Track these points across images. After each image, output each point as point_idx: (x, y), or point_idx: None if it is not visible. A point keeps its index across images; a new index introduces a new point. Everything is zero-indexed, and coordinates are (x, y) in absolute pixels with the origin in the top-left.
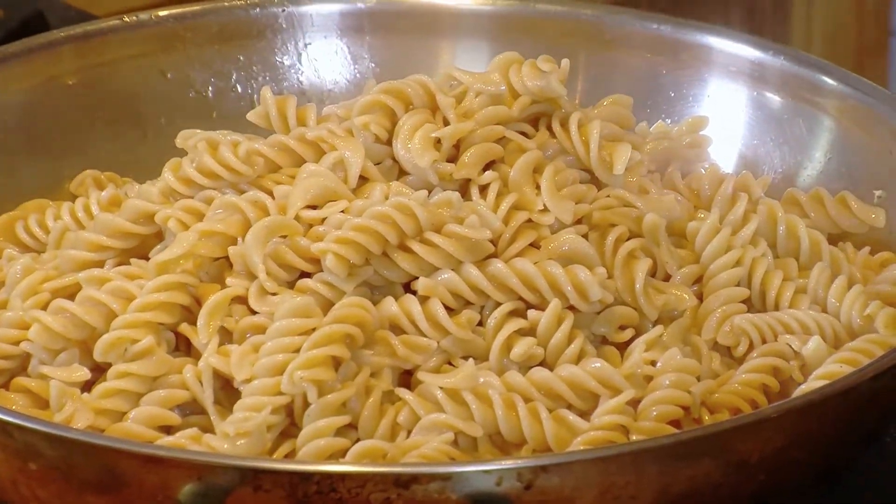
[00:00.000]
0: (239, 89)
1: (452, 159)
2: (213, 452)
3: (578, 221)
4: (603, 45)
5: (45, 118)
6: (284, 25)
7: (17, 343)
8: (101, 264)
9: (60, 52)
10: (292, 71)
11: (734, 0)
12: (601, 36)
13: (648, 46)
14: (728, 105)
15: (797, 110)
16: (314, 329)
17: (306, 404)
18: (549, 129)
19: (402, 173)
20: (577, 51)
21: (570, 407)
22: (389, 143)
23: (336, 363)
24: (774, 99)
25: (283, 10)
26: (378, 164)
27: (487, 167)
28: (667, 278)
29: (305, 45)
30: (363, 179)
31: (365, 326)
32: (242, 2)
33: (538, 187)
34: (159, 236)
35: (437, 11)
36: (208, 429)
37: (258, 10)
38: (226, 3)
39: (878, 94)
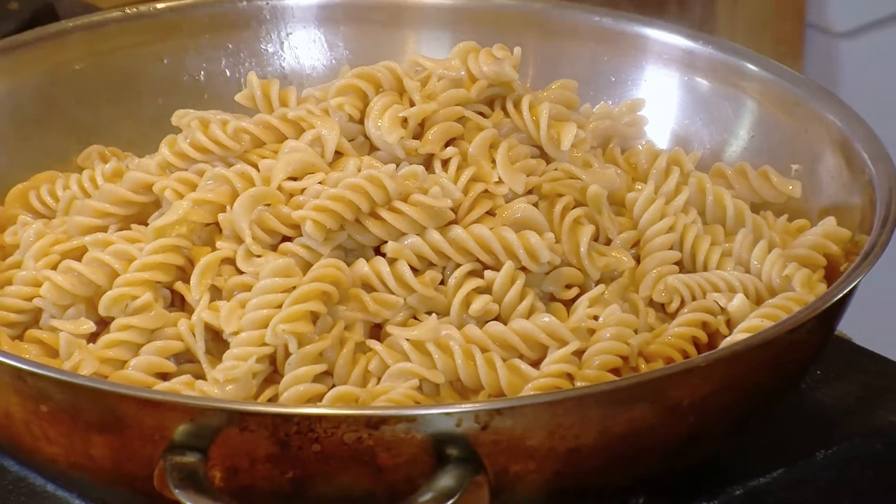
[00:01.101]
0: (228, 74)
1: (418, 136)
2: (204, 396)
3: (529, 192)
4: (551, 35)
5: (54, 99)
6: (268, 17)
7: (30, 299)
8: (105, 229)
9: (69, 40)
10: (275, 57)
11: None
12: (549, 27)
13: (591, 36)
14: (662, 89)
15: (723, 93)
16: (294, 287)
17: (287, 354)
18: (504, 109)
19: (372, 149)
20: (528, 40)
21: (521, 357)
22: (361, 122)
23: (314, 317)
24: (703, 83)
25: (267, 3)
26: (351, 140)
27: (448, 143)
28: (608, 243)
29: (287, 35)
30: (338, 154)
31: (340, 285)
32: None
33: (494, 162)
34: (157, 204)
35: (404, 4)
36: (200, 376)
37: (245, 3)
38: None
39: (796, 79)
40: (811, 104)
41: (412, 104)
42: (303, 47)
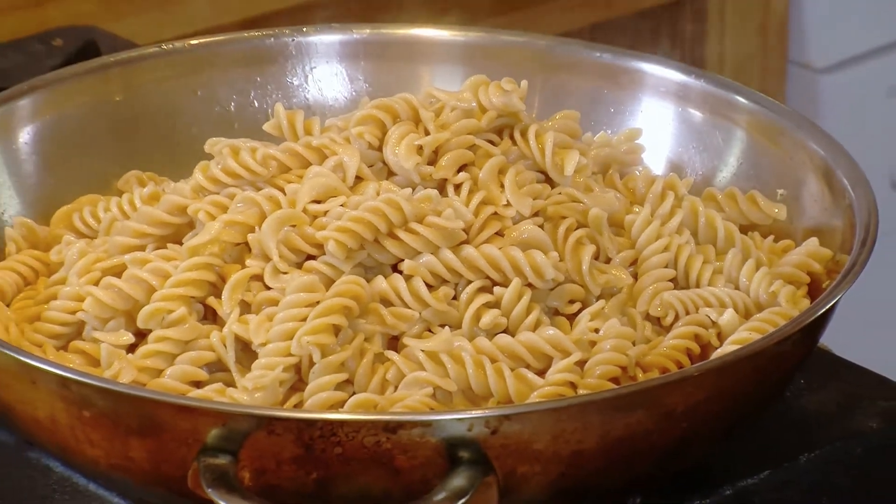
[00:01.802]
0: (256, 105)
1: (432, 163)
2: (234, 403)
3: (535, 214)
4: (555, 69)
5: (96, 128)
6: (294, 52)
7: (73, 313)
8: (143, 248)
9: (109, 74)
10: (300, 90)
11: (661, 33)
12: (554, 61)
13: (593, 71)
14: (658, 119)
15: (715, 124)
16: (318, 302)
17: (311, 364)
18: (512, 138)
19: (390, 174)
20: (534, 74)
21: (528, 367)
22: (380, 149)
23: (336, 330)
24: (696, 114)
25: (293, 40)
26: (371, 166)
27: (461, 170)
28: (607, 261)
29: (311, 69)
30: (359, 179)
31: (360, 300)
32: (259, 33)
33: (502, 186)
34: (191, 225)
35: (419, 41)
36: (231, 384)
37: (272, 39)
38: (245, 35)
39: (782, 110)
40: (796, 134)
41: (427, 133)
42: (326, 80)
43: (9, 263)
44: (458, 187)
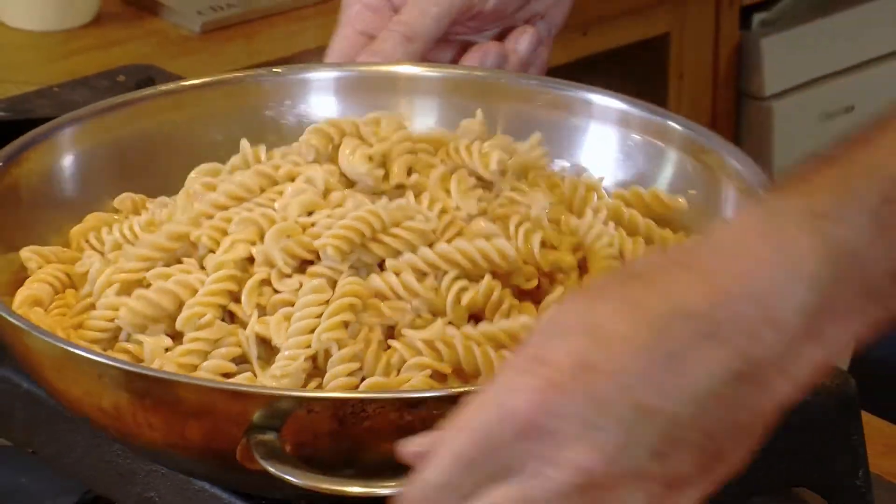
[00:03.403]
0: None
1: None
2: (278, 387)
3: (483, 215)
4: (517, 100)
5: (130, 156)
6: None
7: (111, 320)
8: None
9: (143, 106)
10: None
11: (627, 70)
12: (515, 94)
13: (546, 101)
14: (603, 141)
15: (650, 144)
16: (327, 301)
17: (328, 355)
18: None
19: (349, 184)
20: (498, 103)
21: (507, 348)
22: (331, 160)
23: (345, 324)
24: (636, 137)
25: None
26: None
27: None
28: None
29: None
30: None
31: (361, 297)
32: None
33: (447, 192)
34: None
35: (399, 77)
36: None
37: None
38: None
39: (706, 132)
40: (717, 150)
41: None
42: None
43: (41, 276)
44: (418, 196)
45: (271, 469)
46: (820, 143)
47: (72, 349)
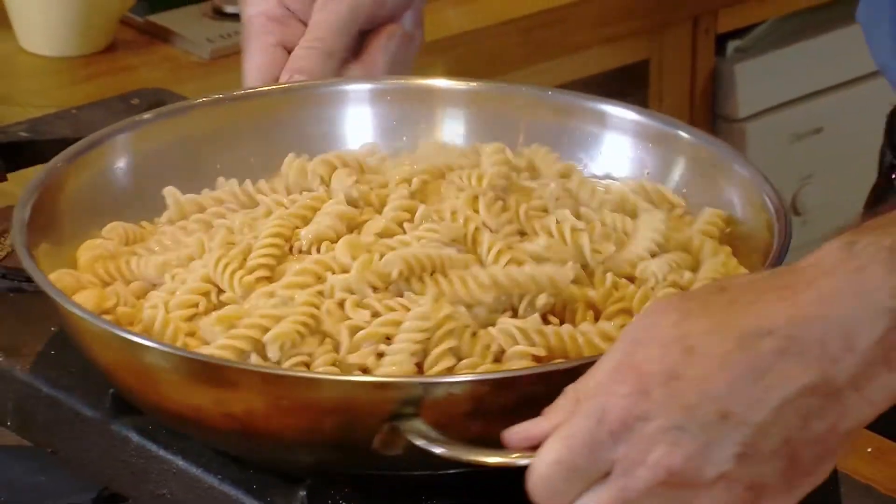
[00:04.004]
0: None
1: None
2: (423, 376)
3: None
4: (543, 111)
5: (175, 160)
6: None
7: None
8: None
9: (189, 115)
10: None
11: (611, 93)
12: (539, 105)
13: (564, 110)
14: (619, 149)
15: (660, 152)
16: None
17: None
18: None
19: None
20: (521, 116)
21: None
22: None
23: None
24: (648, 145)
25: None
26: None
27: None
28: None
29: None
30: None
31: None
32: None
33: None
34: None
35: (429, 88)
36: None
37: (308, 90)
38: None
39: (715, 142)
40: (724, 159)
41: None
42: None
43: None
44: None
45: (432, 448)
46: (790, 162)
47: (218, 362)
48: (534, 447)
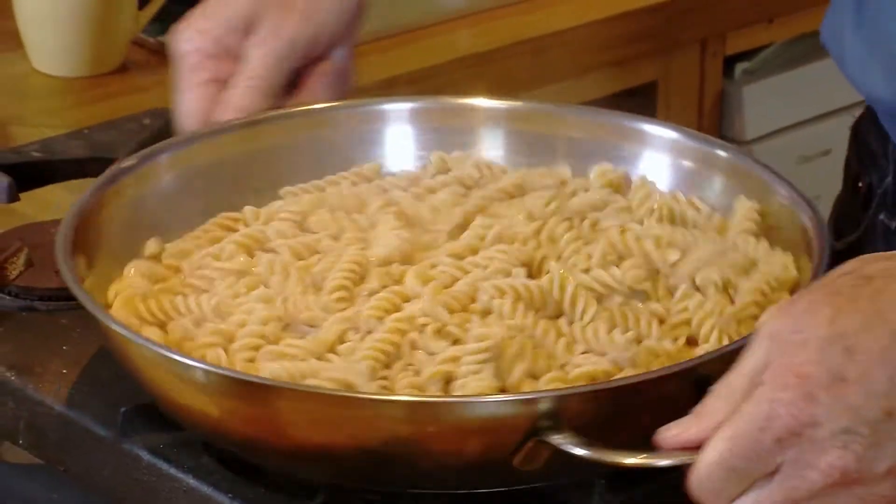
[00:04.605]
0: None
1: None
2: (551, 390)
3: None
4: (580, 130)
5: (218, 177)
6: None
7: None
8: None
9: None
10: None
11: None
12: (578, 124)
13: (605, 129)
14: (656, 165)
15: (699, 169)
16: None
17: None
18: None
19: None
20: (562, 134)
21: None
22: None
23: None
24: (686, 163)
25: (365, 107)
26: None
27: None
28: None
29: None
30: None
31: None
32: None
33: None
34: None
35: (474, 108)
36: None
37: (349, 109)
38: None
39: (751, 160)
40: (762, 175)
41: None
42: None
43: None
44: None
45: (579, 452)
46: (798, 184)
47: (355, 395)
48: (688, 448)
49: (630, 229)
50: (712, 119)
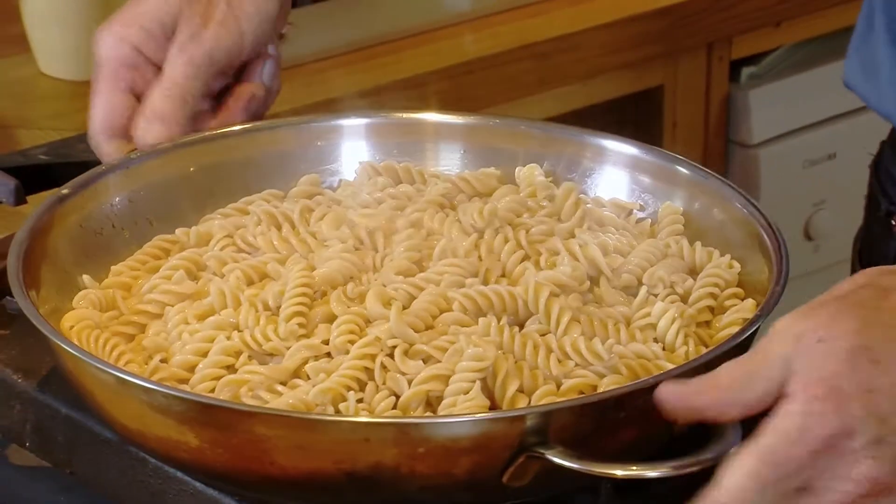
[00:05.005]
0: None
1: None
2: (537, 405)
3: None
4: (537, 145)
5: (176, 194)
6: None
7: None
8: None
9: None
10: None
11: (625, 119)
12: (535, 139)
13: (563, 145)
14: (615, 181)
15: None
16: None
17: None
18: None
19: None
20: (531, 148)
21: None
22: None
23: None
24: (646, 179)
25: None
26: None
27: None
28: None
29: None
30: None
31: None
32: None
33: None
34: None
35: (423, 122)
36: None
37: (311, 123)
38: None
39: (709, 176)
40: (720, 191)
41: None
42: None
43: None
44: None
45: (574, 466)
46: (803, 187)
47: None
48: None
49: (573, 237)
50: (719, 123)
